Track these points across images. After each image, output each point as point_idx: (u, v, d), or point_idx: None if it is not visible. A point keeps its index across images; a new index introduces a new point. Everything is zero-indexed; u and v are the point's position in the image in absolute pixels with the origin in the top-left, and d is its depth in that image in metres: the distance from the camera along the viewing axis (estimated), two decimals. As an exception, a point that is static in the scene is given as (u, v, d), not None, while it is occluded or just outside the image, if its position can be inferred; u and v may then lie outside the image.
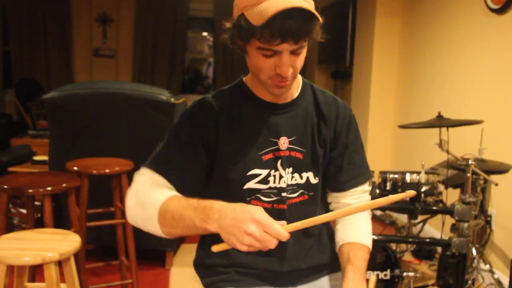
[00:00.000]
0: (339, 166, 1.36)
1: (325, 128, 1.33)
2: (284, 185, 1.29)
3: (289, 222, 1.31)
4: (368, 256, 1.32)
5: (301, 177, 1.31)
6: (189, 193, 1.17)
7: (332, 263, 1.41)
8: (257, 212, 0.99)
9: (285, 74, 1.15)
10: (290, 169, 1.29)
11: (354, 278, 1.23)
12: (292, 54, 1.14)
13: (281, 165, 1.28)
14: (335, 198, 1.41)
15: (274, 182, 1.28)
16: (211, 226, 1.02)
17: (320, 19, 1.14)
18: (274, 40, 1.09)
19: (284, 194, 1.29)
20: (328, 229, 1.44)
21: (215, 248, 1.06)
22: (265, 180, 1.27)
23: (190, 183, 1.23)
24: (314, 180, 1.33)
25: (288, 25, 1.06)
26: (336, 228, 1.40)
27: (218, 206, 1.03)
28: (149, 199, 1.15)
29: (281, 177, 1.28)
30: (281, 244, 1.29)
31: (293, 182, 1.30)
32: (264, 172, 1.27)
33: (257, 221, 0.97)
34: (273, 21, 1.06)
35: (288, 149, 1.28)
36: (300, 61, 1.18)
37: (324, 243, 1.40)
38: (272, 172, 1.28)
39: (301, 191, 1.31)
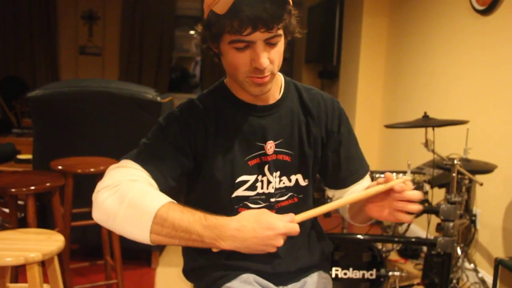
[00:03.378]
0: (335, 163, 1.33)
1: (314, 126, 1.29)
2: (272, 190, 1.26)
3: None
4: None
5: (290, 180, 1.28)
6: (166, 193, 1.13)
7: (321, 263, 1.40)
8: (279, 224, 1.03)
9: (262, 66, 1.09)
10: (278, 173, 1.26)
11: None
12: (267, 45, 1.10)
13: (268, 170, 1.25)
14: (337, 194, 1.40)
15: (262, 188, 1.25)
16: (223, 244, 1.03)
17: (291, 2, 1.11)
18: (245, 29, 1.04)
19: (272, 199, 1.26)
20: (317, 228, 1.42)
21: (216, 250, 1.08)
22: (253, 187, 1.24)
23: (170, 184, 1.18)
24: (303, 183, 1.30)
25: (257, 10, 1.02)
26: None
27: (233, 225, 1.03)
28: (141, 200, 1.04)
29: (269, 182, 1.25)
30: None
31: (281, 185, 1.27)
32: (251, 178, 1.24)
33: (284, 234, 1.03)
34: (240, 8, 1.02)
35: (275, 152, 1.25)
36: (277, 54, 1.13)
37: (313, 244, 1.38)
38: (260, 177, 1.24)
39: (290, 193, 1.29)
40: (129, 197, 1.04)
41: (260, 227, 1.02)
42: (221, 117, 1.23)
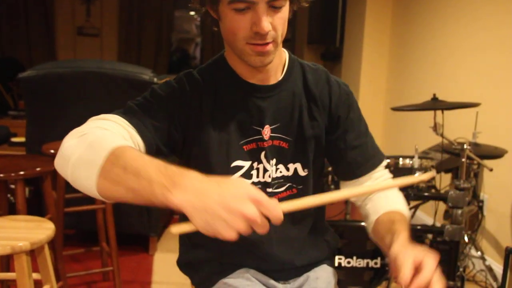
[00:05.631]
0: (343, 151, 1.20)
1: (317, 112, 1.17)
2: (269, 180, 1.15)
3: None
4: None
5: (287, 169, 1.16)
6: None
7: (326, 257, 1.30)
8: (252, 188, 0.76)
9: (263, 31, 0.99)
10: (274, 161, 1.15)
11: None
12: (270, 8, 1.00)
13: (265, 157, 1.14)
14: (349, 187, 1.24)
15: (258, 176, 1.15)
16: (174, 194, 0.74)
17: None
18: None
19: (269, 189, 1.15)
20: (321, 221, 1.30)
21: (175, 230, 0.79)
22: (248, 174, 1.13)
23: (159, 146, 1.06)
24: (302, 173, 1.18)
25: None
26: (364, 204, 1.24)
27: (195, 175, 0.77)
28: (102, 141, 0.88)
29: (265, 170, 1.15)
30: (271, 244, 1.17)
31: (278, 174, 1.16)
32: (246, 165, 1.13)
33: (256, 201, 0.74)
34: None
35: (271, 138, 1.14)
36: (281, 20, 1.03)
37: (317, 237, 1.27)
38: (255, 164, 1.14)
39: (288, 184, 1.17)
40: (90, 139, 0.89)
41: (227, 183, 0.76)
42: (219, 94, 1.14)
